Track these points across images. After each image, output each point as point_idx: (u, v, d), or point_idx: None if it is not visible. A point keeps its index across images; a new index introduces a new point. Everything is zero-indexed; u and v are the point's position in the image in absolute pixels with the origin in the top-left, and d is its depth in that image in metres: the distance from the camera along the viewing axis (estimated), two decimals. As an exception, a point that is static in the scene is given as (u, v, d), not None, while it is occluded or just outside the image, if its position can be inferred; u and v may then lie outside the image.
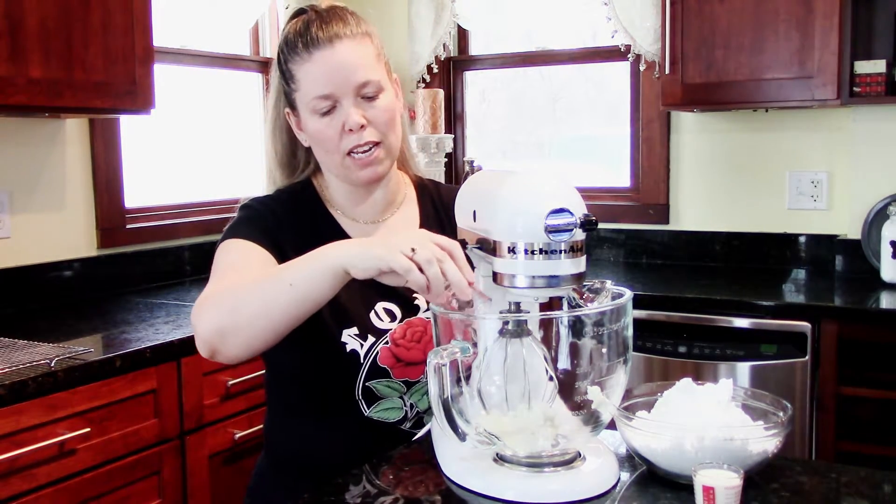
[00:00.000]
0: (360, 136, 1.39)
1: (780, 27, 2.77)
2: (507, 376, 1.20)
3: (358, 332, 1.41)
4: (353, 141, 1.39)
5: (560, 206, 1.13)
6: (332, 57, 1.37)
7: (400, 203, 1.55)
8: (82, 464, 1.99)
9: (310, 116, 1.41)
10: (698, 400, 1.26)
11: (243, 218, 1.45)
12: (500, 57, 3.76)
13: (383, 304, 1.45)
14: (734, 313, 2.62)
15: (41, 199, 2.68)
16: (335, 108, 1.39)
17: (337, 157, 1.41)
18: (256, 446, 1.52)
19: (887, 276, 2.81)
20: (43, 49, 2.23)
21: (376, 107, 1.40)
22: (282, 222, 1.44)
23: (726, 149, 3.25)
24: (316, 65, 1.37)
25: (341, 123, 1.38)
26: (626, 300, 1.21)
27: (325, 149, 1.42)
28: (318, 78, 1.37)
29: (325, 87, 1.37)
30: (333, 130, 1.39)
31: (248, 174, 3.52)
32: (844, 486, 1.22)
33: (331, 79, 1.37)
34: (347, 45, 1.38)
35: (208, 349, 1.26)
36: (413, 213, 1.56)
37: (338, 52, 1.37)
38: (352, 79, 1.37)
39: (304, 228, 1.45)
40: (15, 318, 2.46)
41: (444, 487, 1.23)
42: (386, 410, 1.44)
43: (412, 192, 1.58)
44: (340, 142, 1.39)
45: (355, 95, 1.38)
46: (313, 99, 1.38)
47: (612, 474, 1.22)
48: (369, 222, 1.51)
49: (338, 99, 1.38)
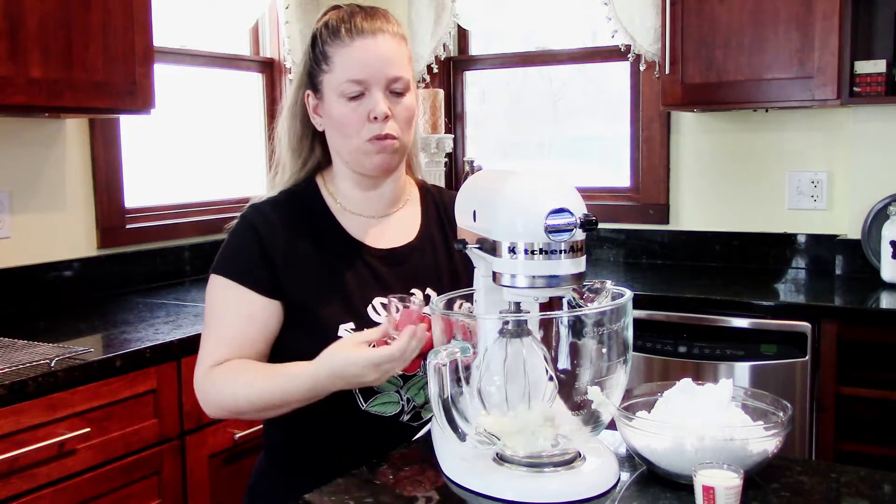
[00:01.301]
0: (381, 127, 1.44)
1: (780, 27, 2.77)
2: (507, 376, 1.20)
3: (354, 327, 1.43)
4: (375, 130, 1.44)
5: (560, 206, 1.13)
6: (372, 46, 1.44)
7: (405, 201, 1.59)
8: (82, 464, 1.99)
9: (336, 99, 1.45)
10: (698, 400, 1.26)
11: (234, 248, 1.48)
12: (500, 57, 3.76)
13: (380, 300, 1.47)
14: (734, 313, 2.62)
15: (41, 199, 2.68)
16: (364, 95, 1.44)
17: (355, 141, 1.46)
18: (256, 446, 1.53)
19: (887, 276, 2.81)
20: (43, 49, 2.23)
21: (401, 104, 1.46)
22: (277, 230, 1.46)
23: (726, 149, 3.25)
24: (356, 50, 1.44)
25: (367, 111, 1.44)
26: (626, 300, 1.21)
27: (344, 133, 1.46)
28: (355, 63, 1.43)
29: (361, 72, 1.43)
30: (358, 116, 1.44)
31: (248, 174, 3.52)
32: (844, 486, 1.22)
33: (367, 66, 1.43)
34: (388, 39, 1.45)
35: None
36: (415, 212, 1.59)
37: (379, 43, 1.44)
38: (386, 71, 1.44)
39: (302, 230, 1.49)
40: (15, 318, 2.46)
41: (444, 487, 1.23)
42: (383, 405, 1.45)
43: (416, 193, 1.62)
44: (362, 128, 1.44)
45: (385, 88, 1.45)
46: (345, 82, 1.44)
47: (612, 474, 1.22)
48: (373, 216, 1.54)
49: (368, 87, 1.44)
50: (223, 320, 1.45)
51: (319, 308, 1.44)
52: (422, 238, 1.56)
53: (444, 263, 1.56)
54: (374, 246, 1.52)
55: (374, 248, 1.51)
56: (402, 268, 1.52)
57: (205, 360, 1.44)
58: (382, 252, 1.52)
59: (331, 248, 1.49)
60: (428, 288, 1.51)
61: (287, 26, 3.41)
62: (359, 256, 1.50)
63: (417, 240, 1.55)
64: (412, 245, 1.54)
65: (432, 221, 1.59)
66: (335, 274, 1.47)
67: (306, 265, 1.46)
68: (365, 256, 1.50)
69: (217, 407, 1.43)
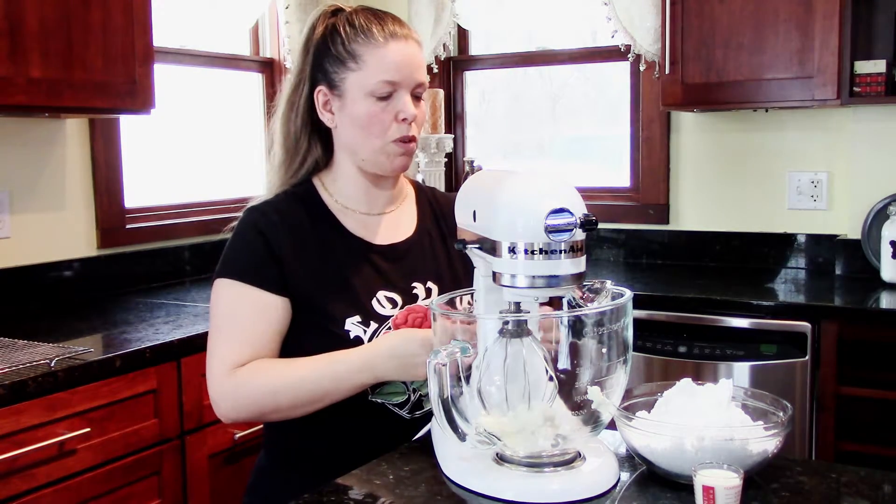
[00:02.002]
0: (409, 129, 1.49)
1: (780, 27, 2.77)
2: (507, 376, 1.20)
3: (361, 320, 1.46)
4: (403, 131, 1.49)
5: (560, 206, 1.13)
6: (406, 50, 1.49)
7: (402, 199, 1.63)
8: (82, 464, 1.99)
9: (363, 98, 1.47)
10: (698, 400, 1.26)
11: (238, 249, 1.48)
12: (500, 57, 3.76)
13: (384, 293, 1.50)
14: (734, 313, 2.62)
15: (41, 199, 2.68)
16: (392, 96, 1.47)
17: (379, 141, 1.49)
18: (256, 446, 1.53)
19: (887, 276, 2.81)
20: (43, 49, 2.23)
21: (420, 108, 1.52)
22: (278, 229, 1.47)
23: (726, 149, 3.25)
24: (391, 52, 1.47)
25: (395, 111, 1.47)
26: (626, 300, 1.21)
27: (370, 132, 1.49)
28: (391, 64, 1.47)
29: (396, 74, 1.47)
30: (388, 116, 1.48)
31: (247, 174, 3.52)
32: (844, 486, 1.22)
33: (402, 68, 1.47)
34: (415, 47, 1.52)
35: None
36: (412, 209, 1.63)
37: (410, 48, 1.50)
38: (415, 75, 1.50)
39: (303, 228, 1.50)
40: (15, 318, 2.45)
41: (444, 487, 1.23)
42: (390, 394, 1.47)
43: (411, 192, 1.66)
44: (389, 128, 1.48)
45: (411, 92, 1.49)
46: (378, 82, 1.46)
47: (612, 474, 1.22)
48: (372, 214, 1.57)
49: (399, 88, 1.48)
50: (235, 321, 1.44)
51: (326, 303, 1.45)
52: (420, 233, 1.60)
53: (443, 257, 1.60)
54: (375, 242, 1.54)
55: (375, 244, 1.54)
56: (402, 262, 1.55)
57: (223, 363, 1.42)
58: (383, 247, 1.55)
59: (333, 245, 1.51)
60: (429, 281, 1.55)
61: (287, 26, 3.41)
62: (360, 252, 1.52)
63: (416, 235, 1.59)
64: (411, 240, 1.58)
65: (427, 218, 1.63)
66: (339, 269, 1.49)
67: (310, 262, 1.48)
68: (366, 252, 1.53)
69: (244, 409, 1.41)
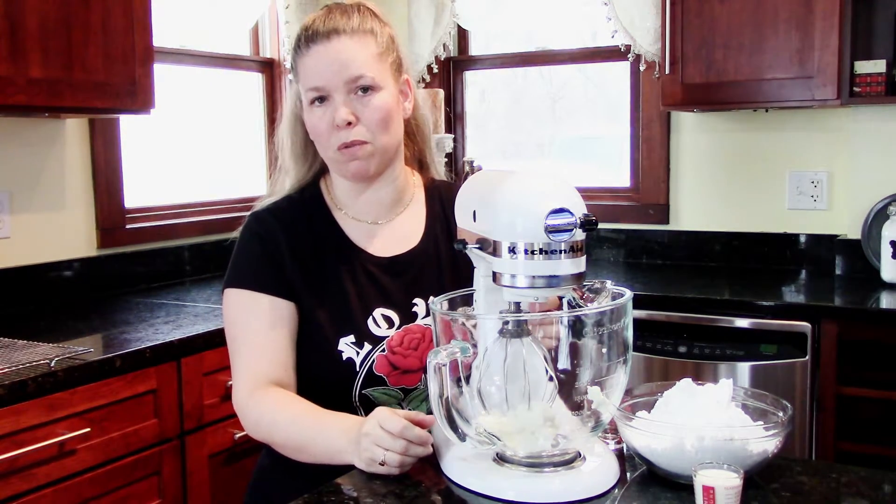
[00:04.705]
0: (347, 134, 1.40)
1: (780, 27, 2.77)
2: (507, 376, 1.20)
3: (355, 340, 1.42)
4: (342, 138, 1.41)
5: (560, 206, 1.13)
6: (323, 51, 1.40)
7: (407, 203, 1.55)
8: (82, 464, 1.98)
9: (308, 109, 1.43)
10: (698, 400, 1.26)
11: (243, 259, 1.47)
12: (500, 57, 3.76)
13: (382, 311, 1.45)
14: (734, 313, 2.61)
15: (41, 199, 2.68)
16: (328, 102, 1.41)
17: (329, 151, 1.44)
18: (256, 446, 1.52)
19: (887, 276, 2.81)
20: (43, 49, 2.23)
21: (368, 105, 1.40)
22: (279, 237, 1.45)
23: (726, 149, 3.24)
24: (312, 58, 1.40)
25: (331, 118, 1.40)
26: (626, 300, 1.21)
27: (318, 142, 1.45)
28: (311, 70, 1.41)
29: (317, 79, 1.40)
30: (325, 125, 1.41)
31: (248, 174, 3.52)
32: (844, 486, 1.22)
33: (322, 72, 1.40)
34: (344, 40, 1.39)
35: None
36: (420, 213, 1.55)
37: (332, 46, 1.39)
38: (343, 73, 1.39)
39: (304, 237, 1.47)
40: (15, 318, 2.46)
41: (444, 487, 1.23)
42: None
43: (421, 194, 1.58)
44: (331, 137, 1.41)
45: (347, 91, 1.40)
46: (307, 91, 1.42)
47: (612, 474, 1.22)
48: (374, 222, 1.51)
49: (329, 93, 1.40)
50: (249, 329, 1.42)
51: (320, 320, 1.42)
52: (426, 241, 1.52)
53: (448, 266, 1.52)
54: (376, 254, 1.49)
55: (376, 257, 1.48)
56: (404, 276, 1.49)
57: (245, 379, 1.41)
58: (384, 260, 1.49)
59: (332, 256, 1.47)
60: (431, 296, 1.47)
61: (287, 26, 3.41)
62: (360, 265, 1.47)
63: (421, 243, 1.52)
64: (416, 250, 1.51)
65: (437, 221, 1.55)
66: (336, 282, 1.45)
67: (307, 273, 1.44)
68: (366, 265, 1.47)
69: (255, 434, 1.42)
